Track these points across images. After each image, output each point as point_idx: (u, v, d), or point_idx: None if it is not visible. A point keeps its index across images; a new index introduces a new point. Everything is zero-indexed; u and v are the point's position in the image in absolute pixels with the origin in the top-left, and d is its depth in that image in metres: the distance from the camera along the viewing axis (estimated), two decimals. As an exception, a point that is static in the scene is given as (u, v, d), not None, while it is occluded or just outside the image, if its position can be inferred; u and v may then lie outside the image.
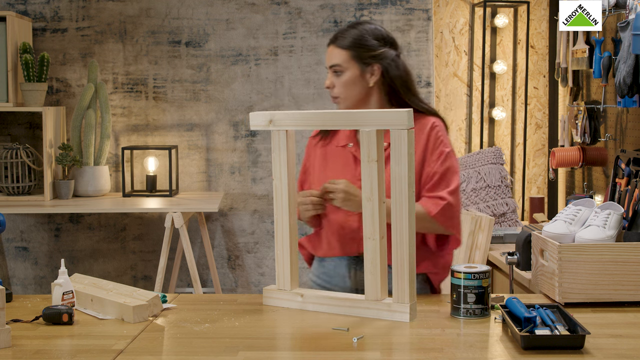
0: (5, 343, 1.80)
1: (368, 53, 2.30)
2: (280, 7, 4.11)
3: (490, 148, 3.94)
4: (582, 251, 2.12)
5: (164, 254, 3.63)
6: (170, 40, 4.13)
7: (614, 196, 3.09)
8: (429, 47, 4.13)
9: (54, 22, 4.11)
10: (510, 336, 1.86)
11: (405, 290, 1.97)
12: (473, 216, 3.44)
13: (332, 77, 2.32)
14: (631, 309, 2.09)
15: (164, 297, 2.18)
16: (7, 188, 3.84)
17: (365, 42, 2.31)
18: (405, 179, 1.95)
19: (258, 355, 1.77)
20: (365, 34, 2.31)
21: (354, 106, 2.33)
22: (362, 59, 2.30)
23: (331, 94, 2.34)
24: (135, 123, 4.16)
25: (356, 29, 2.32)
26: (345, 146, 2.38)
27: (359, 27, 2.33)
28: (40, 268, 4.18)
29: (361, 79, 2.31)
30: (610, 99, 3.46)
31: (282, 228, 2.16)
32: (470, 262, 3.39)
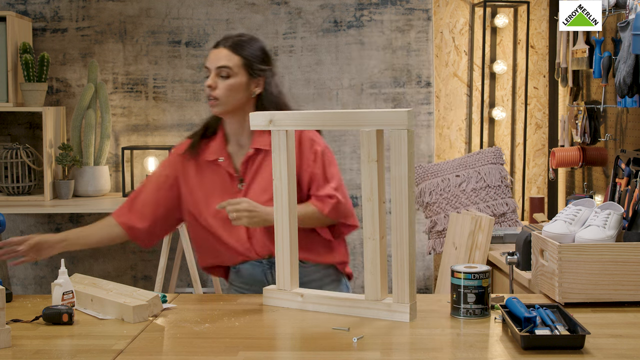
0: (5, 343, 1.80)
1: (257, 65, 2.34)
2: (280, 7, 4.11)
3: (490, 148, 3.94)
4: (582, 251, 2.12)
5: (164, 254, 3.63)
6: (170, 40, 4.13)
7: (614, 196, 3.09)
8: (429, 47, 4.13)
9: (54, 22, 4.11)
10: (510, 336, 1.86)
11: (405, 290, 1.97)
12: (473, 216, 3.44)
13: (216, 78, 2.33)
14: (631, 309, 2.09)
15: (164, 297, 2.18)
16: (7, 188, 3.84)
17: (259, 54, 2.36)
18: (406, 179, 1.95)
19: (258, 355, 1.77)
20: (258, 47, 2.37)
21: (229, 112, 2.35)
22: (252, 68, 2.34)
23: (210, 93, 2.34)
24: (135, 123, 4.16)
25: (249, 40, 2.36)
26: (215, 161, 2.39)
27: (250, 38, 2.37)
28: (40, 268, 4.18)
29: (246, 87, 2.34)
30: (610, 99, 3.46)
31: (282, 228, 2.16)
32: (470, 262, 3.39)
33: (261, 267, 2.38)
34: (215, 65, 2.32)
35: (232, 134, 2.41)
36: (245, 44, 2.34)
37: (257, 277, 2.39)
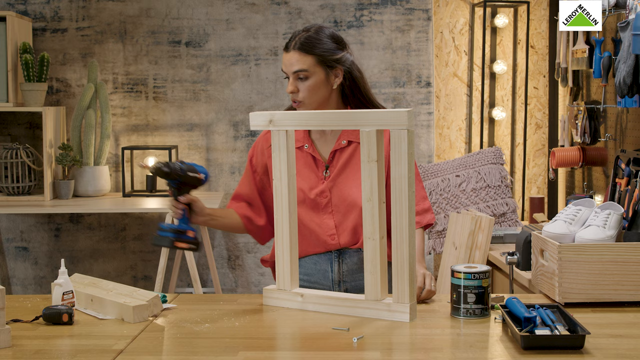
0: (5, 343, 1.80)
1: (332, 57, 2.33)
2: (280, 7, 4.11)
3: (490, 148, 3.94)
4: (582, 251, 2.12)
5: (164, 254, 3.63)
6: (170, 40, 4.13)
7: (614, 196, 3.09)
8: (429, 47, 4.13)
9: (54, 22, 4.11)
10: (510, 336, 1.86)
11: (405, 290, 1.97)
12: (473, 216, 3.44)
13: (296, 82, 2.32)
14: (631, 309, 2.09)
15: (164, 297, 2.18)
16: (7, 188, 3.84)
17: (328, 46, 2.34)
18: (406, 179, 1.95)
19: (258, 355, 1.77)
20: (325, 38, 2.35)
21: (316, 109, 2.34)
22: (327, 63, 2.32)
23: (294, 98, 2.34)
24: (135, 123, 4.16)
25: (316, 34, 2.34)
26: (302, 148, 2.39)
27: (318, 31, 2.35)
28: (40, 268, 4.18)
29: (326, 82, 2.34)
30: (610, 99, 3.46)
31: (282, 228, 2.16)
32: (470, 262, 3.39)
33: (329, 256, 2.37)
34: (291, 71, 2.32)
35: None
36: (314, 40, 2.32)
37: (322, 266, 2.37)
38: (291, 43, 2.33)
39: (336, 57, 2.33)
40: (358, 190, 2.31)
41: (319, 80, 2.32)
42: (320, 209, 2.35)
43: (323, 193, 2.35)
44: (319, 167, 2.37)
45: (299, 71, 2.30)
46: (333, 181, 2.35)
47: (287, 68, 2.33)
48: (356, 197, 2.32)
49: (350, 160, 2.37)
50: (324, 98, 2.35)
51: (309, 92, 2.32)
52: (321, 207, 2.35)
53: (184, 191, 2.24)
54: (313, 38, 2.32)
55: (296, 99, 2.34)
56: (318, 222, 2.34)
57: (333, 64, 2.33)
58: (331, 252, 2.37)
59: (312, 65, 2.31)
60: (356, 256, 2.36)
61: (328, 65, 2.32)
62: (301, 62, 2.30)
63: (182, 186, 2.22)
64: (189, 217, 2.25)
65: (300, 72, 2.31)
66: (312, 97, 2.32)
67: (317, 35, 2.33)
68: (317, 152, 2.38)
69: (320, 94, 2.33)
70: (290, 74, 2.32)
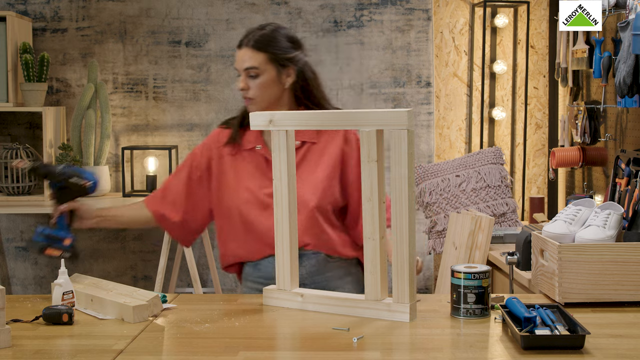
0: (5, 343, 1.80)
1: (284, 56, 2.32)
2: (280, 7, 4.11)
3: (490, 148, 3.94)
4: (582, 251, 2.12)
5: (164, 254, 3.63)
6: (170, 40, 4.13)
7: (614, 196, 3.09)
8: (429, 47, 4.13)
9: (54, 22, 4.11)
10: (510, 336, 1.86)
11: (405, 290, 1.97)
12: (473, 216, 3.43)
13: (247, 79, 2.32)
14: (631, 309, 2.09)
15: (164, 297, 2.18)
16: (7, 188, 3.84)
17: (282, 44, 2.33)
18: (406, 179, 1.95)
19: (258, 355, 1.77)
20: (280, 36, 2.34)
21: (267, 108, 2.34)
22: (279, 62, 2.32)
23: (245, 95, 2.34)
24: (135, 123, 4.16)
25: (270, 32, 2.33)
26: (252, 149, 2.39)
27: (272, 29, 2.34)
28: (40, 268, 4.18)
29: (277, 81, 2.33)
30: (610, 99, 3.46)
31: (282, 228, 2.16)
32: (470, 262, 3.39)
33: None
34: (242, 67, 2.32)
35: None
36: (268, 38, 2.32)
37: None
38: (244, 40, 2.32)
39: (289, 56, 2.32)
40: (309, 191, 2.31)
41: (269, 78, 2.31)
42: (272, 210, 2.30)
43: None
44: (269, 167, 2.33)
45: (250, 68, 2.30)
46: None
47: (239, 65, 2.32)
48: (307, 198, 2.31)
49: (303, 161, 2.36)
50: (275, 97, 2.34)
51: (259, 90, 2.31)
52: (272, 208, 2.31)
53: (67, 196, 2.18)
54: (267, 36, 2.32)
55: (246, 96, 2.33)
56: (269, 226, 2.29)
57: (285, 63, 2.32)
58: None
59: (263, 63, 2.30)
60: (314, 258, 2.36)
61: (280, 64, 2.31)
62: (253, 60, 2.30)
63: (64, 191, 2.17)
64: (68, 224, 2.20)
65: (251, 70, 2.30)
66: (263, 95, 2.32)
67: (272, 33, 2.33)
68: (270, 153, 2.35)
69: (271, 93, 2.33)
70: (242, 71, 2.32)
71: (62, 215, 2.18)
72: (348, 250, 2.40)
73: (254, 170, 2.37)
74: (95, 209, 2.33)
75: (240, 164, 2.40)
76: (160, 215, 2.42)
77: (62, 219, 2.18)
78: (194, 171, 2.43)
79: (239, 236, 2.39)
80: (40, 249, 2.10)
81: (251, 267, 2.43)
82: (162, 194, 2.45)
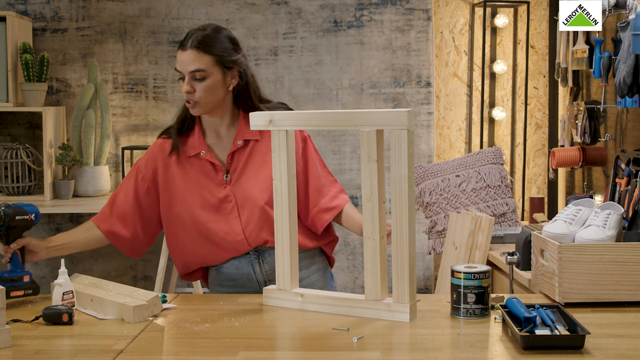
0: (5, 343, 1.80)
1: (230, 58, 2.28)
2: (280, 7, 4.11)
3: (490, 148, 3.94)
4: (582, 251, 2.12)
5: (164, 254, 3.63)
6: (170, 40, 4.13)
7: (614, 196, 3.09)
8: (429, 47, 4.13)
9: (54, 22, 4.11)
10: (510, 336, 1.86)
11: (405, 290, 1.97)
12: (473, 216, 3.43)
13: (192, 82, 2.26)
14: (631, 309, 2.09)
15: (164, 297, 2.18)
16: (7, 188, 3.84)
17: (226, 46, 2.29)
18: (406, 179, 1.95)
19: (258, 355, 1.77)
20: (225, 38, 2.30)
21: (211, 111, 2.31)
22: (225, 64, 2.28)
23: (189, 98, 2.28)
24: (135, 123, 4.16)
25: (214, 33, 2.28)
26: (197, 155, 2.36)
27: (214, 30, 2.30)
28: (40, 268, 4.18)
29: (222, 83, 2.29)
30: (610, 99, 3.46)
31: (282, 228, 2.16)
32: (470, 262, 3.39)
33: (248, 259, 2.35)
34: (187, 70, 2.26)
35: (210, 127, 2.38)
36: (212, 40, 2.27)
37: (243, 270, 2.36)
38: (188, 41, 2.26)
39: (234, 58, 2.29)
40: (259, 188, 2.31)
41: (216, 80, 2.27)
42: (226, 214, 2.32)
43: (227, 198, 2.32)
44: (218, 172, 2.34)
45: (196, 71, 2.25)
46: (235, 184, 2.33)
47: (183, 67, 2.26)
48: (256, 196, 2.30)
49: (249, 160, 2.35)
50: (219, 99, 2.31)
51: (205, 93, 2.26)
52: (227, 212, 2.32)
53: (15, 235, 2.18)
54: (211, 37, 2.27)
55: (191, 99, 2.28)
56: (226, 230, 2.30)
57: (231, 65, 2.29)
58: (249, 254, 2.35)
59: (209, 66, 2.25)
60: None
61: (226, 66, 2.28)
62: (199, 62, 2.25)
63: (12, 230, 2.16)
64: (22, 261, 2.19)
65: (197, 72, 2.25)
66: (209, 98, 2.28)
67: (215, 34, 2.28)
68: (215, 157, 2.35)
69: (217, 95, 2.29)
70: (187, 74, 2.26)
71: (14, 254, 2.19)
72: (307, 241, 2.38)
73: (201, 176, 2.35)
74: (44, 241, 2.29)
75: (187, 171, 2.36)
76: (112, 233, 2.38)
77: (16, 258, 2.18)
78: (140, 184, 2.39)
79: (196, 243, 2.36)
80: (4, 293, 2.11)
81: (215, 270, 2.41)
82: (110, 211, 2.40)
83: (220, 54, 2.27)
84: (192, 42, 2.25)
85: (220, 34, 2.30)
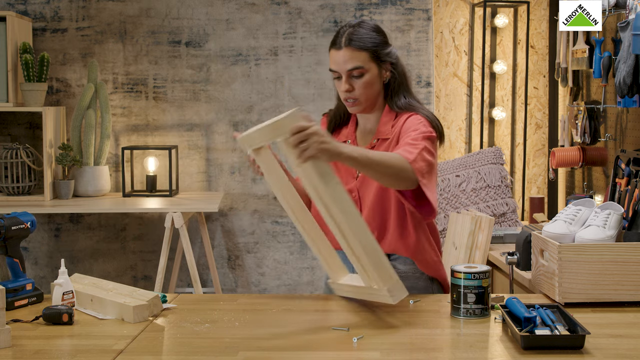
0: (5, 343, 1.80)
1: (383, 51, 2.26)
2: (280, 7, 4.11)
3: (490, 148, 3.94)
4: (582, 251, 2.12)
5: (164, 254, 3.63)
6: (170, 40, 4.13)
7: (614, 196, 3.09)
8: (429, 47, 4.13)
9: (54, 22, 4.11)
10: (510, 336, 1.86)
11: (375, 277, 1.95)
12: (473, 216, 3.43)
13: (350, 80, 2.24)
14: (631, 309, 2.09)
15: (164, 297, 2.18)
16: (7, 188, 3.84)
17: (379, 39, 2.27)
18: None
19: (258, 355, 1.77)
20: (375, 31, 2.27)
21: (369, 107, 2.30)
22: (380, 58, 2.26)
23: (350, 96, 2.25)
24: (135, 123, 4.16)
25: (365, 28, 2.26)
26: (345, 142, 2.36)
27: (365, 26, 2.27)
28: (40, 268, 4.18)
29: (379, 78, 2.28)
30: (610, 99, 3.46)
31: (301, 227, 2.15)
32: (470, 262, 3.39)
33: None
34: (345, 69, 2.23)
35: (362, 118, 2.37)
36: (364, 35, 2.24)
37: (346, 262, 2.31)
38: (341, 39, 2.24)
39: (386, 51, 2.27)
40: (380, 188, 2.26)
41: (374, 75, 2.25)
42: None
43: (351, 192, 2.30)
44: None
45: (355, 68, 2.23)
46: (361, 180, 2.31)
47: (340, 66, 2.24)
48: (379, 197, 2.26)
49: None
50: (376, 94, 2.29)
51: (364, 89, 2.24)
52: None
53: (12, 245, 2.19)
54: (362, 33, 2.24)
55: (352, 97, 2.26)
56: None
57: (385, 59, 2.27)
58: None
59: (367, 62, 2.23)
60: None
61: (381, 60, 2.26)
62: (356, 59, 2.22)
63: (8, 241, 2.18)
64: (22, 270, 2.20)
65: (355, 70, 2.23)
66: (368, 94, 2.26)
67: (365, 29, 2.25)
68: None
69: (374, 91, 2.27)
70: (344, 73, 2.24)
71: (14, 263, 2.19)
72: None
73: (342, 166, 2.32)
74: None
75: None
76: None
77: (16, 267, 2.19)
78: None
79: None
80: (9, 304, 2.12)
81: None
82: None
83: (375, 48, 2.24)
84: (345, 40, 2.23)
85: (369, 27, 2.27)
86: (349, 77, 2.24)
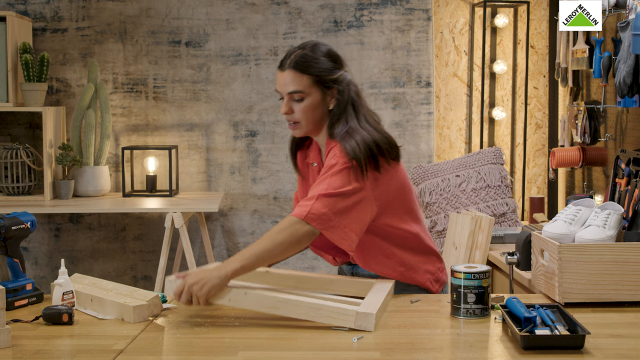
0: (5, 343, 1.80)
1: (329, 77, 2.21)
2: (280, 7, 4.11)
3: (490, 148, 3.94)
4: (582, 251, 2.12)
5: (164, 254, 3.63)
6: (170, 40, 4.13)
7: (614, 196, 3.09)
8: (429, 47, 4.13)
9: (54, 22, 4.11)
10: (510, 336, 1.86)
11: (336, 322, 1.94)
12: (473, 216, 3.43)
13: (290, 103, 2.21)
14: (631, 309, 2.09)
15: (164, 297, 2.18)
16: (7, 188, 3.84)
17: (327, 65, 2.22)
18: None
19: (258, 355, 1.77)
20: (324, 55, 2.23)
21: (312, 131, 2.25)
22: (324, 84, 2.21)
23: (289, 119, 2.23)
24: (135, 123, 4.16)
25: (312, 52, 2.22)
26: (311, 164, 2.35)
27: (314, 49, 2.23)
28: (40, 268, 4.18)
29: (322, 103, 2.22)
30: (610, 99, 3.46)
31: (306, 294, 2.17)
32: (470, 262, 3.39)
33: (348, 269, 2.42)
34: (286, 91, 2.20)
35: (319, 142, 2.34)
36: (310, 59, 2.19)
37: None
38: (286, 61, 2.20)
39: (333, 77, 2.21)
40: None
41: (316, 100, 2.20)
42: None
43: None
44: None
45: (294, 92, 2.19)
46: None
47: (282, 88, 2.21)
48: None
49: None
50: (320, 118, 2.23)
51: (304, 114, 2.20)
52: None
53: (13, 245, 2.19)
54: (309, 56, 2.20)
55: (291, 120, 2.23)
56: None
57: (330, 85, 2.21)
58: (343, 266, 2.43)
59: (308, 86, 2.19)
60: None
61: (325, 85, 2.21)
62: (297, 83, 2.18)
63: (9, 241, 2.18)
64: (22, 270, 2.20)
65: (295, 94, 2.19)
66: (309, 118, 2.21)
67: (313, 53, 2.21)
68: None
69: (317, 115, 2.22)
70: (285, 95, 2.21)
71: (14, 264, 2.19)
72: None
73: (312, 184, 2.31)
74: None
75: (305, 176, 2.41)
76: None
77: (16, 267, 2.19)
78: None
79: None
80: (9, 304, 2.12)
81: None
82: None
83: (319, 74, 2.19)
84: (290, 62, 2.19)
85: (319, 51, 2.22)
86: (290, 99, 2.21)
